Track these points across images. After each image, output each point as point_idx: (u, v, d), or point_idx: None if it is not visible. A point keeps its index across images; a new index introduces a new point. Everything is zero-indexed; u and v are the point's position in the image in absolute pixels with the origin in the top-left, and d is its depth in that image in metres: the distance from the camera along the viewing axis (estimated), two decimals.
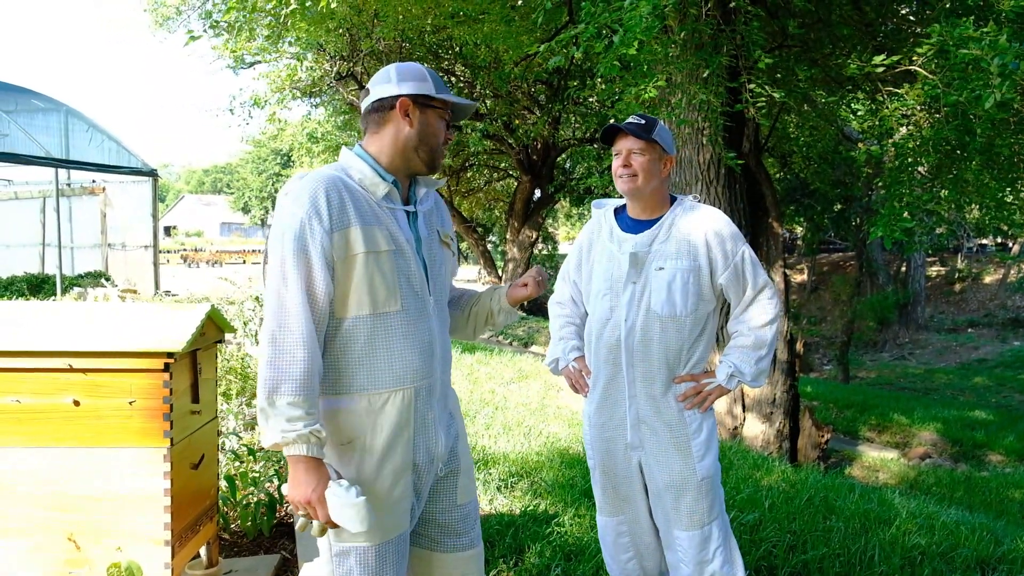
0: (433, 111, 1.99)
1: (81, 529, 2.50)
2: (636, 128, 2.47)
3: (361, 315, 1.88)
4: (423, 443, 1.98)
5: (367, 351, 1.89)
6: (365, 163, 1.96)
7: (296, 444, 1.78)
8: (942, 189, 6.49)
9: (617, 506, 2.67)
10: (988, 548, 3.81)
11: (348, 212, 1.86)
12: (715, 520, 2.55)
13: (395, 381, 1.90)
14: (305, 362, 1.78)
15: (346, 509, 1.77)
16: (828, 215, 17.27)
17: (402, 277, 1.92)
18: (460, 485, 2.12)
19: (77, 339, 2.50)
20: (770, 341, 2.54)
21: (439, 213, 2.15)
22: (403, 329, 1.91)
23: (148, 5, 14.12)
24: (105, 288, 10.11)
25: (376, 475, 1.90)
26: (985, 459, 10.18)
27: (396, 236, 1.92)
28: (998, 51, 4.03)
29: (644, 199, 2.55)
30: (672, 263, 2.48)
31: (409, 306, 1.93)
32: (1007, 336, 22.77)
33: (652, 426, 2.53)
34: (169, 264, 33.74)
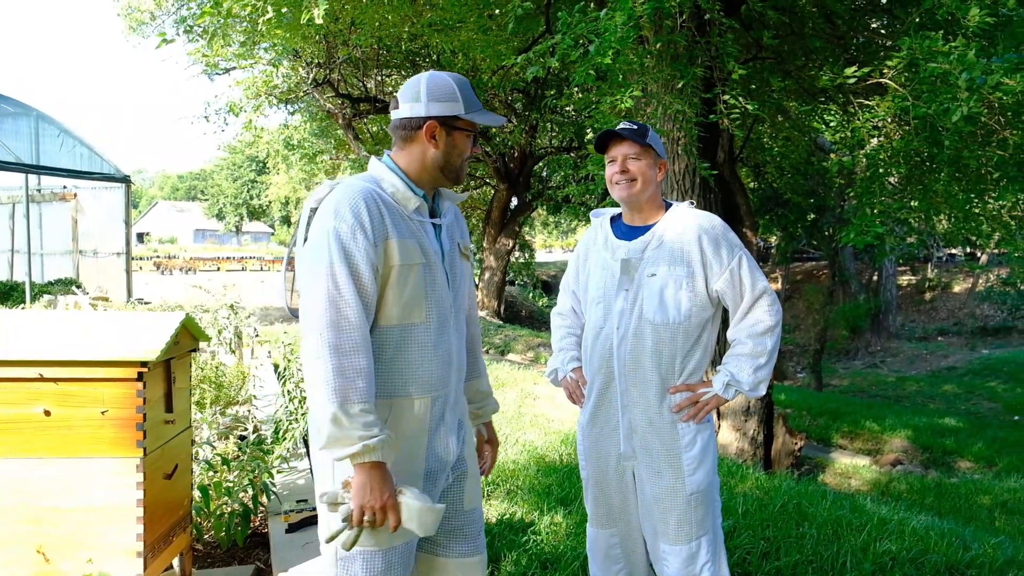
0: (460, 132, 2.00)
1: (51, 541, 2.47)
2: (632, 133, 2.46)
3: (388, 325, 1.91)
4: (435, 450, 2.00)
5: (393, 360, 1.92)
6: (397, 176, 1.99)
7: (377, 451, 1.79)
8: (912, 199, 6.59)
9: (610, 518, 2.61)
10: (957, 553, 3.86)
11: (386, 224, 1.89)
12: (705, 535, 2.47)
13: (415, 390, 1.94)
14: (367, 369, 1.81)
15: (420, 512, 1.80)
16: (801, 225, 17.43)
17: (429, 289, 1.95)
18: (467, 490, 2.13)
19: (47, 348, 2.47)
20: (771, 349, 2.47)
21: (459, 225, 2.18)
22: (426, 340, 1.95)
23: (122, 10, 14.00)
24: (76, 296, 9.98)
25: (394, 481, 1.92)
26: (955, 465, 10.32)
27: (427, 249, 1.96)
28: (966, 66, 4.10)
29: (640, 205, 2.52)
30: (664, 269, 2.44)
31: (433, 318, 1.96)
32: (976, 344, 23.13)
33: (644, 437, 2.48)
34: (142, 271, 33.34)
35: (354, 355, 1.79)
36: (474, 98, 2.02)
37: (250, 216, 66.74)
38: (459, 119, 1.99)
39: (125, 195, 14.13)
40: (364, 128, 13.76)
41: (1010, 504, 7.50)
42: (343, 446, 1.78)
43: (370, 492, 1.80)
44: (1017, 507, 7.42)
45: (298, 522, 3.54)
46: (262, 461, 3.89)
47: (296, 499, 3.84)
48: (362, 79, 13.40)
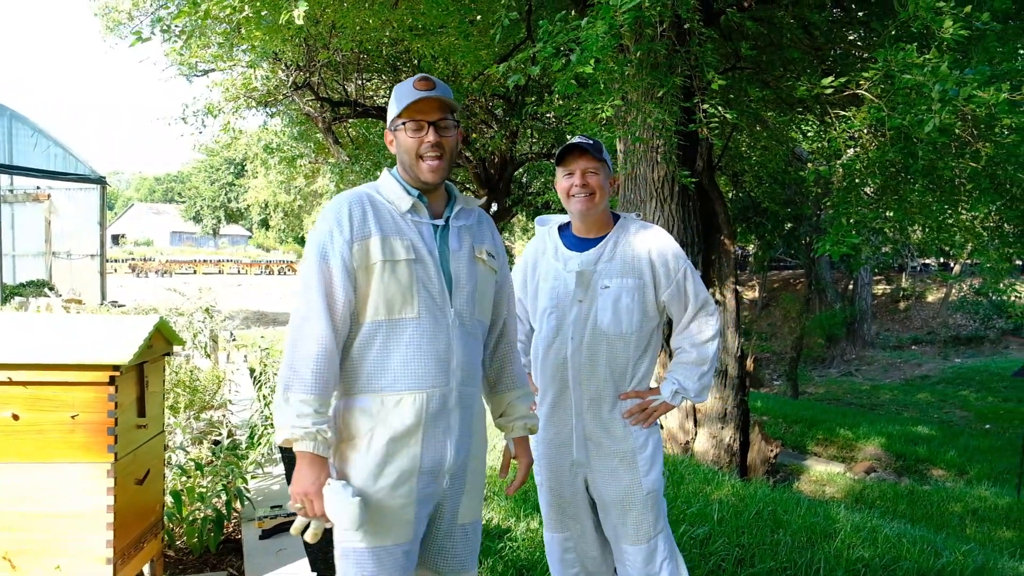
0: (401, 129, 2.06)
1: (19, 548, 2.43)
2: (592, 147, 2.50)
3: (378, 320, 1.98)
4: (430, 451, 2.00)
5: (383, 354, 1.98)
6: (394, 180, 2.10)
7: (303, 441, 1.88)
8: (887, 209, 6.66)
9: (564, 522, 2.68)
10: (929, 560, 3.90)
11: (369, 224, 1.99)
12: (660, 533, 2.58)
13: (408, 384, 1.97)
14: (318, 363, 1.90)
15: (340, 506, 1.86)
16: (779, 233, 17.57)
17: (420, 286, 1.99)
18: (464, 504, 2.12)
19: (17, 351, 2.43)
20: (712, 356, 2.58)
21: (479, 230, 2.19)
22: (418, 336, 1.98)
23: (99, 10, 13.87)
24: (48, 298, 9.85)
25: (379, 474, 1.96)
26: (927, 473, 10.44)
27: (418, 247, 2.01)
28: (939, 78, 4.16)
29: (594, 218, 2.57)
30: (617, 281, 2.51)
31: (425, 314, 1.99)
32: (949, 353, 23.40)
33: (599, 442, 2.55)
34: (117, 274, 33.02)
35: (307, 349, 1.90)
36: (407, 90, 2.04)
37: (228, 219, 66.26)
38: (396, 118, 2.06)
39: (100, 196, 13.98)
40: (344, 132, 13.69)
41: (981, 512, 7.59)
42: (280, 432, 1.90)
43: (299, 480, 1.91)
44: (987, 515, 7.51)
45: (272, 528, 3.50)
46: (236, 466, 3.86)
47: (270, 505, 3.81)
48: (342, 83, 13.34)
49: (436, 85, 2.04)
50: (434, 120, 2.03)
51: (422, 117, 2.03)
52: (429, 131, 2.03)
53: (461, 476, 2.10)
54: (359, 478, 1.96)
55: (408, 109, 2.03)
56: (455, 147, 2.11)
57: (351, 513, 1.86)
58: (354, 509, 1.86)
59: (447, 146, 2.06)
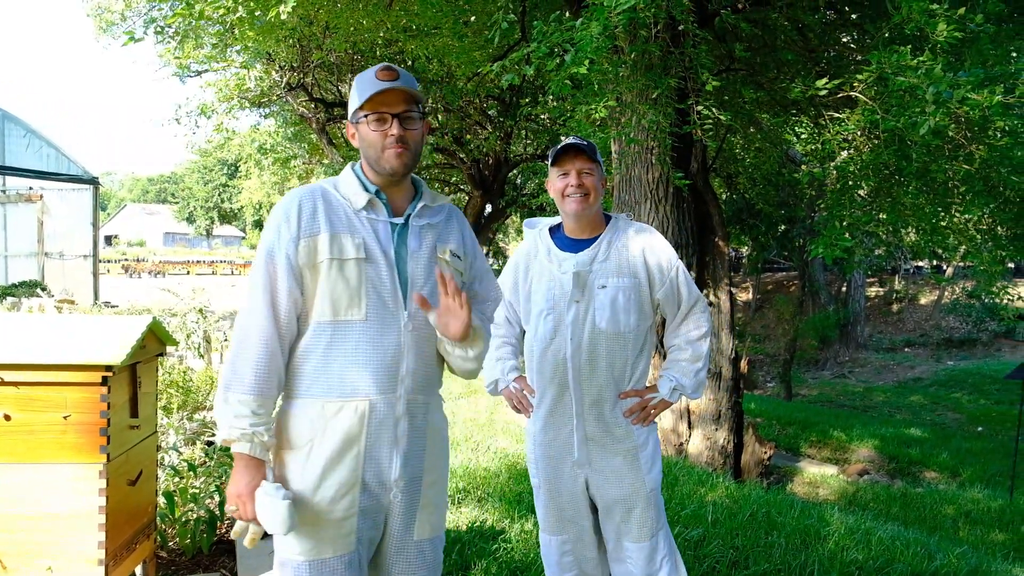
0: (364, 122, 1.95)
1: (10, 549, 2.41)
2: (587, 148, 2.51)
3: (323, 321, 1.89)
4: (374, 463, 1.90)
5: (326, 358, 1.89)
6: (354, 175, 2.00)
7: (239, 442, 1.83)
8: (881, 212, 6.67)
9: (562, 525, 2.67)
10: (922, 563, 3.91)
11: (319, 220, 1.90)
12: (661, 530, 2.60)
13: (349, 391, 1.88)
14: (259, 364, 1.84)
15: (269, 508, 1.80)
16: (772, 235, 17.61)
17: (369, 287, 1.89)
18: (420, 520, 2.00)
19: (9, 351, 2.42)
20: (706, 353, 2.62)
21: (446, 228, 2.07)
22: (364, 339, 1.88)
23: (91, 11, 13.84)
24: (41, 298, 9.81)
25: (319, 484, 1.88)
26: (920, 475, 10.46)
27: (370, 246, 1.91)
28: (933, 80, 4.17)
29: (587, 219, 2.58)
30: (614, 280, 2.52)
31: (373, 317, 1.89)
32: (941, 356, 23.47)
33: (601, 442, 2.56)
34: (109, 274, 32.91)
35: (249, 350, 1.85)
36: (370, 80, 1.93)
37: (221, 220, 66.12)
38: (358, 110, 1.95)
39: (93, 197, 13.94)
40: (338, 132, 13.68)
41: (974, 514, 7.60)
42: (220, 431, 1.86)
43: (232, 481, 1.87)
44: (980, 517, 7.52)
45: None
46: (229, 467, 3.84)
47: None
48: (336, 84, 13.34)
49: (400, 75, 1.91)
50: (398, 112, 1.91)
51: (385, 109, 1.92)
52: (393, 124, 1.91)
53: (414, 490, 1.98)
54: (298, 486, 1.88)
55: (371, 101, 1.91)
56: (420, 141, 1.99)
57: (280, 517, 1.79)
58: (283, 512, 1.79)
59: (411, 140, 1.95)
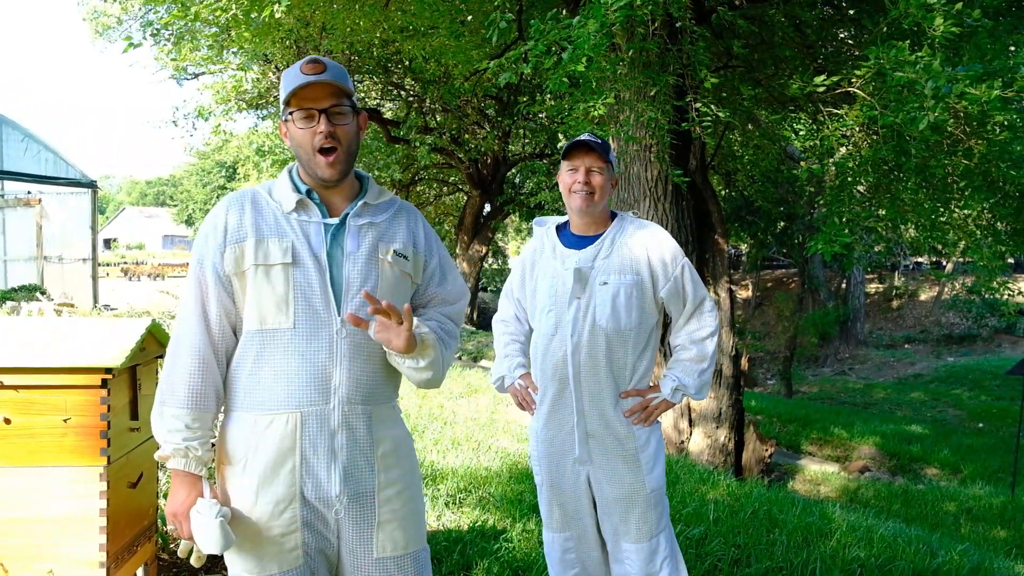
0: (291, 120, 1.83)
1: (10, 553, 2.40)
2: (599, 147, 2.50)
3: (251, 330, 1.80)
4: (312, 477, 1.80)
5: (256, 369, 1.80)
6: (287, 177, 1.90)
7: (173, 458, 1.78)
8: (880, 208, 6.67)
9: (564, 522, 2.66)
10: (924, 560, 3.90)
11: (245, 226, 1.81)
12: (662, 532, 2.57)
13: (278, 404, 1.78)
14: (192, 377, 1.78)
15: (202, 527, 1.74)
16: (771, 232, 17.62)
17: (297, 293, 1.78)
18: (379, 537, 1.87)
19: (9, 354, 2.41)
20: (711, 354, 2.57)
21: (390, 227, 1.93)
22: (293, 348, 1.78)
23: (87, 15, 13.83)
24: (40, 302, 9.79)
25: (255, 501, 1.79)
26: (921, 472, 10.46)
27: (298, 249, 1.80)
28: (931, 74, 4.16)
29: (592, 216, 2.57)
30: (616, 278, 2.50)
31: (302, 324, 1.78)
32: (941, 352, 23.48)
33: (601, 440, 2.54)
34: (109, 277, 32.88)
35: (181, 362, 1.79)
36: (294, 75, 1.80)
37: None
38: (284, 108, 1.84)
39: (91, 201, 13.91)
40: None
41: (975, 511, 7.61)
42: (158, 446, 1.81)
43: (169, 499, 1.82)
44: (982, 514, 7.53)
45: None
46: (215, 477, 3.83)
47: None
48: None
49: (327, 67, 1.78)
50: (325, 107, 1.79)
51: (312, 105, 1.79)
52: (320, 120, 1.79)
53: (364, 506, 1.85)
54: (237, 502, 1.80)
55: (296, 96, 1.79)
56: (354, 137, 1.86)
57: (213, 535, 1.72)
58: (215, 531, 1.72)
59: (342, 136, 1.81)
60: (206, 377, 1.79)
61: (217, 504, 1.76)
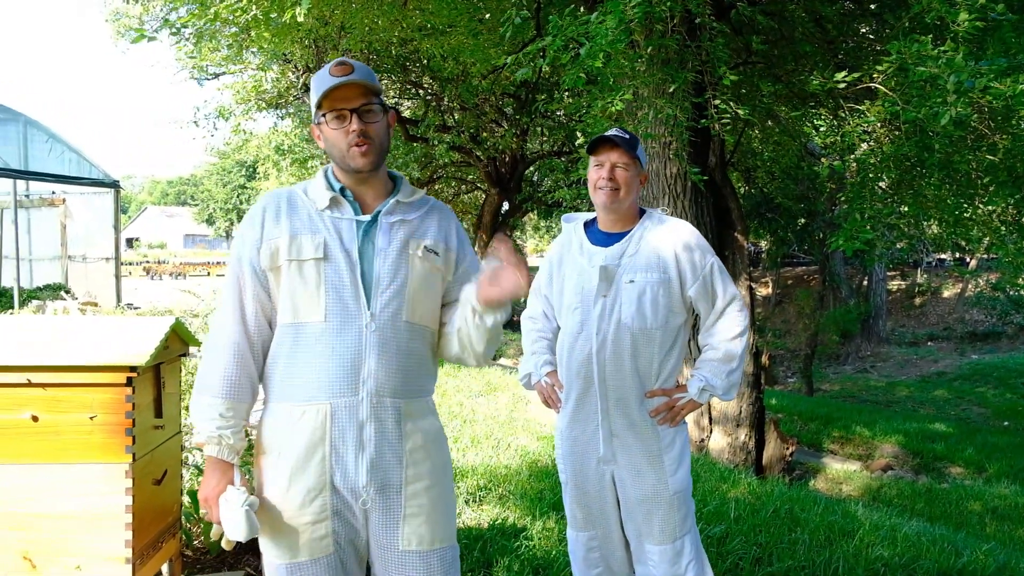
0: (324, 122, 1.90)
1: (38, 548, 2.44)
2: (625, 142, 2.47)
3: (285, 323, 1.88)
4: (341, 466, 1.85)
5: (291, 361, 1.88)
6: (323, 177, 1.98)
7: (208, 445, 1.87)
8: (902, 204, 6.61)
9: (589, 521, 2.65)
10: (949, 559, 3.87)
11: (281, 223, 1.89)
12: (687, 534, 2.54)
13: (310, 395, 1.85)
14: (227, 369, 1.87)
15: (230, 513, 1.81)
16: (792, 229, 17.49)
17: (328, 287, 1.85)
18: (405, 531, 1.90)
19: (36, 353, 2.44)
20: (740, 354, 2.52)
21: (422, 223, 1.98)
22: (324, 341, 1.84)
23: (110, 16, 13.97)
24: (65, 301, 9.91)
25: (287, 489, 1.87)
26: (945, 471, 10.35)
27: (330, 245, 1.87)
28: (955, 69, 4.12)
29: (618, 213, 2.55)
30: (642, 276, 2.47)
31: (333, 318, 1.85)
32: (965, 349, 23.21)
33: (624, 440, 2.52)
34: (131, 276, 33.20)
35: (218, 353, 1.88)
36: (323, 78, 1.87)
37: (240, 221, 66.57)
38: (317, 111, 1.91)
39: (114, 200, 14.05)
40: None
41: (1000, 510, 7.52)
42: (195, 433, 1.91)
43: (202, 484, 1.90)
44: (1007, 513, 7.44)
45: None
46: (252, 466, 3.86)
47: None
48: None
49: (355, 68, 1.85)
50: (356, 107, 1.86)
51: (343, 105, 1.86)
52: (352, 119, 1.86)
53: (390, 498, 1.89)
54: (270, 491, 1.89)
55: (327, 98, 1.86)
56: (384, 134, 1.92)
57: (238, 523, 1.80)
58: (240, 519, 1.79)
59: (373, 133, 1.88)
60: (241, 368, 1.88)
61: (245, 493, 1.84)
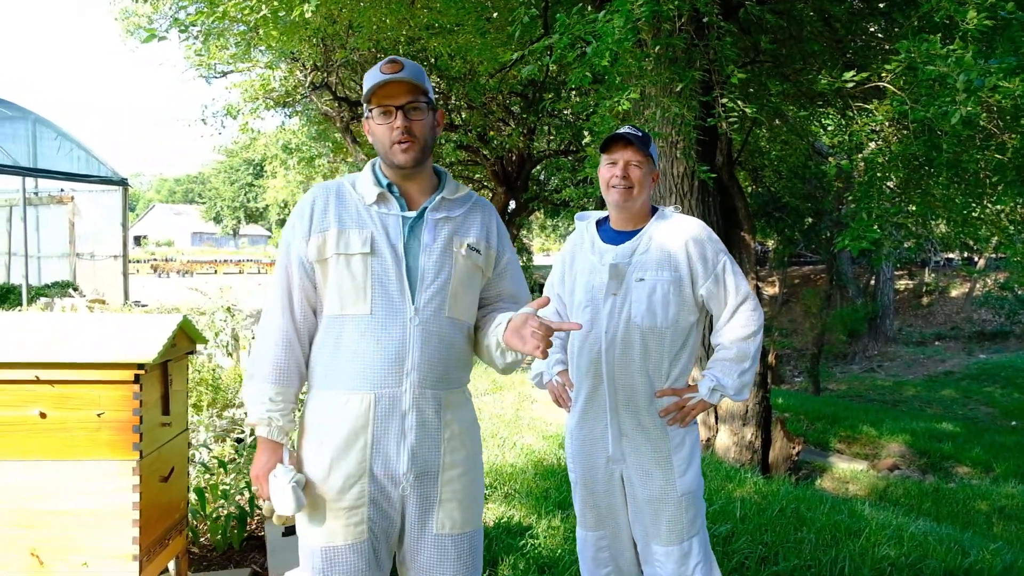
0: (371, 117, 1.98)
1: (46, 545, 2.45)
2: (638, 140, 2.46)
3: (332, 314, 1.95)
4: (381, 455, 1.92)
5: (335, 350, 1.95)
6: (370, 171, 2.04)
7: (259, 425, 1.97)
8: (910, 203, 6.58)
9: (598, 520, 2.63)
10: (956, 559, 3.86)
11: (329, 216, 1.96)
12: (695, 535, 2.51)
13: (356, 384, 1.91)
14: (276, 357, 1.96)
15: (279, 489, 1.90)
16: (799, 228, 17.44)
17: (375, 280, 1.91)
18: (440, 515, 1.98)
19: (44, 350, 2.45)
20: (753, 353, 2.49)
21: (465, 221, 2.04)
22: (370, 333, 1.91)
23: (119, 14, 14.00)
24: (73, 298, 9.95)
25: (328, 474, 1.94)
26: (952, 471, 10.32)
27: (377, 240, 1.93)
28: (964, 68, 4.10)
29: (631, 211, 2.54)
30: (652, 274, 2.45)
31: (379, 310, 1.91)
32: (973, 349, 23.12)
33: (633, 439, 2.50)
34: (139, 274, 33.31)
35: (267, 340, 1.97)
36: (374, 75, 1.94)
37: (247, 219, 66.77)
38: (366, 106, 1.99)
39: (122, 198, 14.11)
40: (361, 132, 13.74)
41: (1008, 510, 7.49)
42: (247, 415, 1.99)
43: (253, 463, 2.00)
44: (1015, 513, 7.41)
45: (295, 525, 3.51)
46: None
47: None
48: (360, 82, 13.40)
49: (404, 66, 1.91)
50: (402, 104, 1.92)
51: (389, 102, 1.93)
52: (397, 116, 1.92)
53: (427, 485, 1.96)
54: (312, 475, 1.96)
55: (375, 94, 1.93)
56: (429, 132, 1.97)
57: (285, 498, 1.89)
58: (287, 495, 1.89)
59: (417, 131, 1.94)
60: (290, 356, 1.97)
61: (293, 470, 1.94)
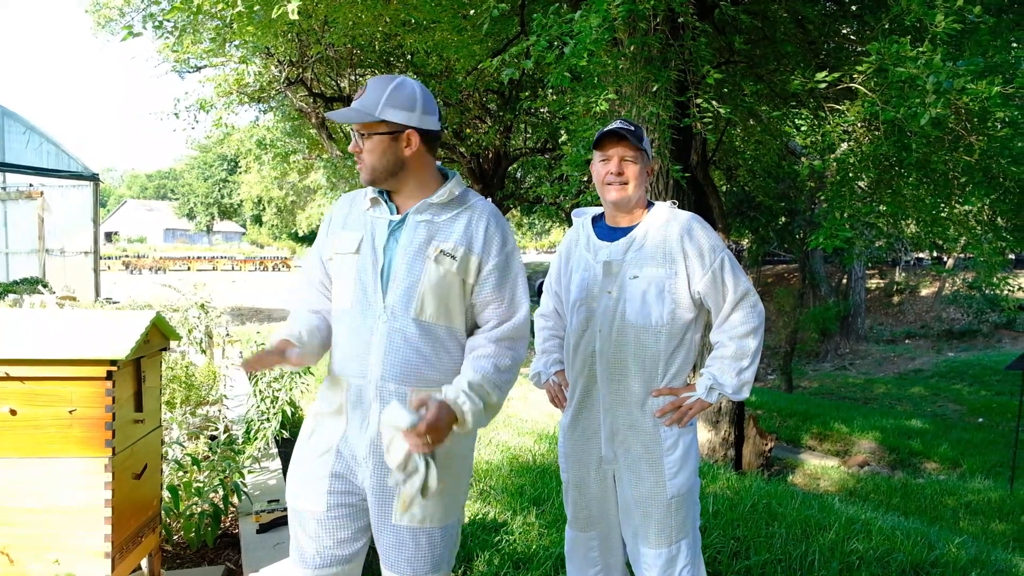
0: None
1: (17, 542, 2.43)
2: (630, 135, 2.40)
3: (334, 307, 2.16)
4: (349, 438, 2.07)
5: (334, 339, 2.15)
6: None
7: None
8: (881, 203, 6.68)
9: (589, 521, 2.59)
10: (922, 553, 3.93)
11: (340, 221, 2.17)
12: (684, 538, 2.44)
13: (339, 369, 2.11)
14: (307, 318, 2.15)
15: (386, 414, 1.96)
16: (772, 227, 17.62)
17: (356, 278, 2.07)
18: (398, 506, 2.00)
19: (14, 346, 2.43)
20: (753, 351, 2.40)
21: (449, 227, 2.05)
22: (348, 324, 2.09)
23: (90, 7, 13.82)
24: (42, 295, 9.81)
25: (308, 438, 2.14)
26: (921, 467, 10.49)
27: (364, 241, 2.09)
28: (933, 70, 4.17)
29: (627, 207, 2.48)
30: (647, 271, 2.39)
31: (356, 306, 2.07)
32: (942, 347, 23.48)
33: (625, 440, 2.44)
34: (110, 271, 32.90)
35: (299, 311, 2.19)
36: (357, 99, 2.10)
37: (221, 215, 66.10)
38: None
39: (93, 193, 13.92)
40: (337, 128, 13.67)
41: (974, 505, 7.64)
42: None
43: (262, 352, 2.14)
44: (981, 508, 7.55)
45: (269, 522, 3.51)
46: (233, 461, 3.86)
47: (267, 499, 3.81)
48: (335, 78, 13.32)
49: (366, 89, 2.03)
50: (356, 128, 2.08)
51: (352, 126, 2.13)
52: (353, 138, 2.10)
53: (386, 475, 1.99)
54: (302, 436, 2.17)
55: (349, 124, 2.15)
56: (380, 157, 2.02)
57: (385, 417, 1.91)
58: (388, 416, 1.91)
59: (366, 157, 2.04)
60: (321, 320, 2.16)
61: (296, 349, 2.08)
